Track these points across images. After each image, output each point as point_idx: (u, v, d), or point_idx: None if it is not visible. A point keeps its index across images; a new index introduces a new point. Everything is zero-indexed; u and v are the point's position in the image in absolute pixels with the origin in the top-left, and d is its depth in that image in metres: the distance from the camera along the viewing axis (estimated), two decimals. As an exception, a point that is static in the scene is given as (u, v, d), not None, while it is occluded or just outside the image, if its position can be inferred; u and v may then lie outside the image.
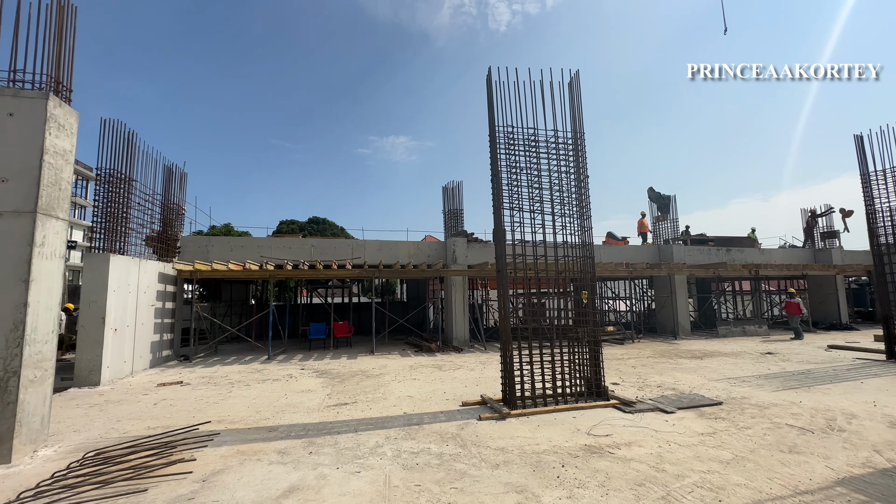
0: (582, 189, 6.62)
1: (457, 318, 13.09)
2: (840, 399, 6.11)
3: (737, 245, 18.08)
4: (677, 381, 7.49)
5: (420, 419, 5.45)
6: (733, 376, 7.88)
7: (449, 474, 3.75)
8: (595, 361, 6.27)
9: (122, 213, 9.69)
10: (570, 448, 4.34)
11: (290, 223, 40.74)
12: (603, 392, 6.19)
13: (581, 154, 6.69)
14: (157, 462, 3.95)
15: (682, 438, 4.58)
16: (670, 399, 6.19)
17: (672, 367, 8.93)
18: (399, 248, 13.56)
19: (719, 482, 3.52)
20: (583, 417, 5.41)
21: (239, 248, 12.59)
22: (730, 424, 5.04)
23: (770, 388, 6.91)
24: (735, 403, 5.97)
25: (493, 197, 6.38)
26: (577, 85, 6.85)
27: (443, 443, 4.55)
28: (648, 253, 16.25)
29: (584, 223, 6.57)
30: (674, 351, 11.50)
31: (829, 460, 3.95)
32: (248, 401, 6.53)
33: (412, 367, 9.48)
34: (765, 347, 11.81)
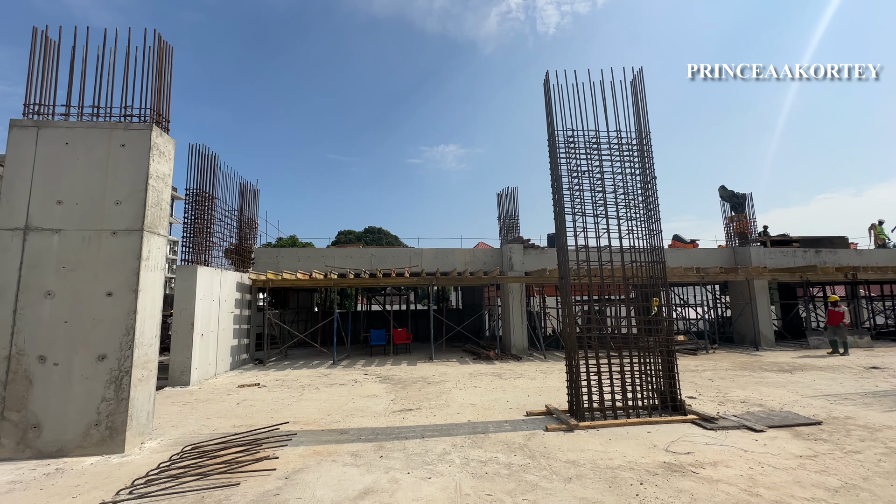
0: (649, 190, 6.30)
1: (514, 325, 12.91)
2: (974, 423, 5.24)
3: (827, 245, 16.20)
4: (764, 397, 6.83)
5: (485, 427, 5.42)
6: (832, 393, 7.04)
7: (520, 485, 3.69)
8: (669, 373, 5.90)
9: (207, 227, 10.67)
10: (647, 464, 4.10)
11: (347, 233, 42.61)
12: (679, 406, 5.79)
13: (647, 154, 6.38)
14: (246, 458, 4.27)
15: (776, 460, 4.16)
16: (758, 416, 5.65)
17: (756, 381, 8.16)
18: (455, 256, 13.68)
19: (828, 512, 3.15)
20: (658, 432, 5.09)
21: (305, 258, 13.36)
22: (833, 447, 4.50)
23: (880, 407, 6.09)
24: (838, 423, 5.32)
25: (554, 202, 6.26)
26: (640, 82, 6.57)
27: (510, 452, 4.49)
28: (722, 256, 15.05)
29: (651, 226, 6.24)
30: (756, 363, 10.51)
31: (968, 495, 3.39)
32: (318, 404, 6.87)
33: (472, 374, 9.47)
34: (869, 361, 10.43)
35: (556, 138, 6.35)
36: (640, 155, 6.43)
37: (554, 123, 6.35)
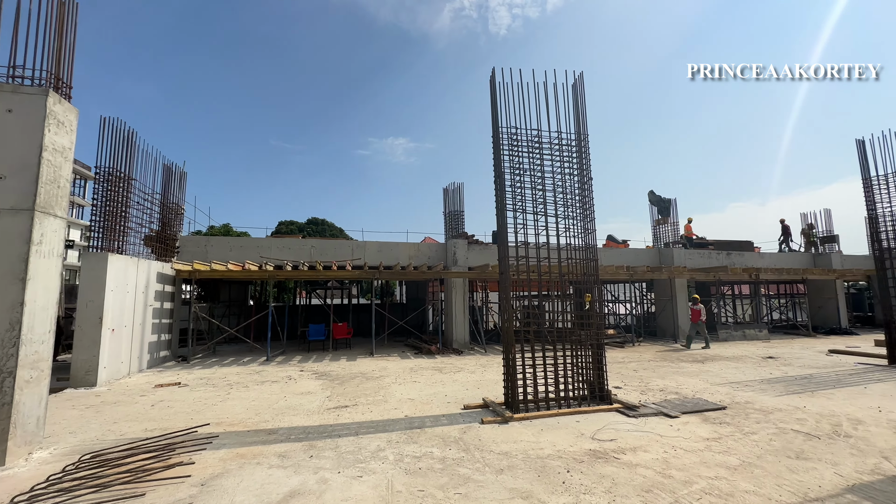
0: (585, 191, 6.57)
1: (457, 320, 13.02)
2: (844, 404, 6.07)
3: (736, 249, 18.06)
4: (680, 385, 7.44)
5: (422, 422, 5.38)
6: (736, 381, 7.84)
7: (452, 479, 3.69)
8: (598, 365, 6.22)
9: (121, 212, 9.61)
10: (574, 453, 4.28)
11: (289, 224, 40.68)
12: (606, 396, 6.13)
13: (585, 156, 6.65)
14: (156, 465, 3.88)
15: (687, 444, 4.53)
16: (674, 403, 6.14)
17: (674, 371, 8.88)
18: (399, 250, 13.50)
19: (728, 489, 3.46)
20: (586, 421, 5.35)
21: (238, 248, 12.51)
22: (735, 429, 4.99)
23: (773, 392, 6.87)
24: (739, 408, 5.92)
25: (497, 198, 6.34)
26: (580, 86, 6.82)
27: (445, 447, 4.49)
28: (649, 256, 16.22)
29: (587, 225, 6.53)
30: (675, 355, 11.46)
31: (838, 466, 3.90)
32: (247, 403, 6.45)
33: (412, 369, 9.41)
34: (766, 352, 11.78)
35: (501, 135, 6.42)
36: (579, 156, 6.69)
37: (498, 120, 6.41)
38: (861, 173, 10.20)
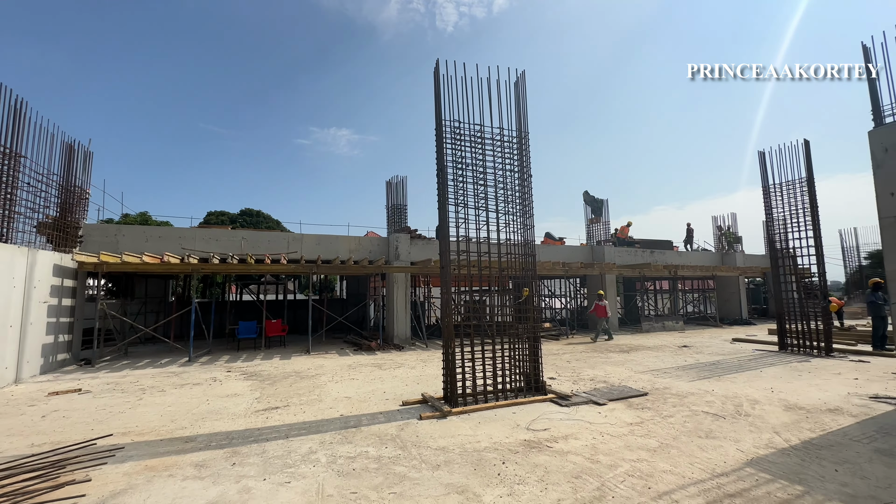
0: (525, 188, 6.72)
1: (398, 315, 12.86)
2: (745, 387, 6.78)
3: (659, 247, 19.65)
4: (608, 375, 7.90)
5: (358, 421, 5.20)
6: (656, 368, 8.48)
7: (388, 479, 3.57)
8: (534, 357, 6.40)
9: (6, 194, 8.28)
10: (510, 444, 4.35)
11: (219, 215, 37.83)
12: (541, 387, 6.33)
13: (525, 153, 6.79)
14: (41, 486, 3.35)
15: (613, 429, 4.79)
16: (602, 391, 6.49)
17: (603, 361, 9.43)
18: (339, 244, 13.03)
19: (648, 470, 3.69)
20: (522, 412, 5.48)
21: (156, 238, 11.35)
22: (655, 414, 5.37)
23: (687, 378, 7.52)
24: (659, 394, 6.39)
25: (439, 192, 6.27)
26: (523, 85, 6.94)
27: (382, 445, 4.36)
28: (582, 253, 17.12)
29: (526, 221, 6.68)
30: (605, 346, 12.19)
31: (739, 443, 4.32)
32: (161, 409, 5.84)
33: (350, 366, 9.12)
34: (682, 341, 12.92)
35: (444, 128, 6.35)
36: (520, 153, 6.81)
37: (442, 113, 6.34)
38: (762, 182, 11.46)
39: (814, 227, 10.70)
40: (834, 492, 3.26)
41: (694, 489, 3.33)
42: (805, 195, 10.71)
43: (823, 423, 4.94)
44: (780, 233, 11.30)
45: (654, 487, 3.37)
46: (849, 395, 6.15)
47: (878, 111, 6.13)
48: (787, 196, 11.04)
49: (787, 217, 11.07)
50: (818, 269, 10.92)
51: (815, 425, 4.85)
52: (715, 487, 3.35)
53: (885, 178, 5.91)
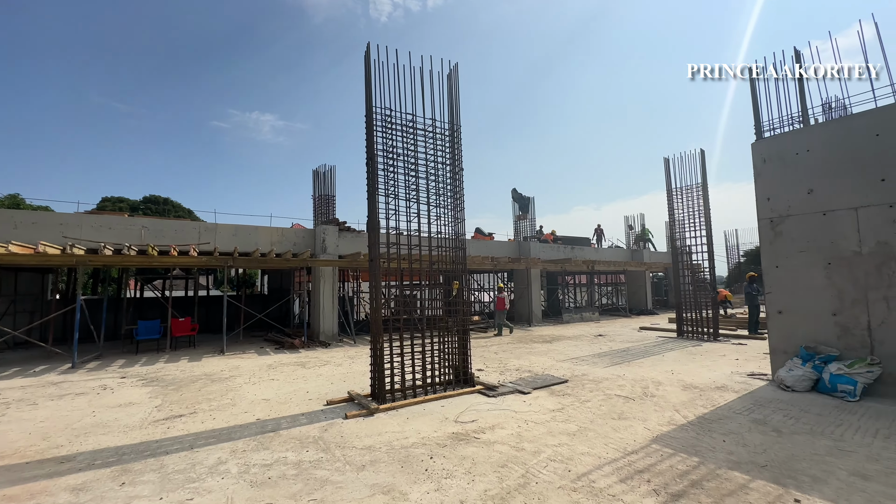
0: (457, 181, 6.71)
1: (325, 311, 12.29)
2: (650, 370, 7.47)
3: (578, 244, 21.06)
4: (532, 364, 8.24)
5: (277, 425, 4.82)
6: (575, 356, 9.04)
7: (308, 485, 3.33)
8: (464, 350, 6.45)
9: None
10: (438, 438, 4.31)
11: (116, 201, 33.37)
12: (470, 379, 6.40)
13: (457, 146, 6.77)
14: None
15: (537, 416, 4.97)
16: (527, 381, 6.74)
17: (528, 352, 9.84)
18: (259, 235, 12.09)
19: (568, 453, 3.86)
20: (451, 405, 5.48)
21: (29, 225, 9.63)
22: (574, 399, 5.68)
23: (602, 364, 8.10)
24: (578, 380, 6.79)
25: (368, 181, 6.02)
26: (455, 77, 6.90)
27: (302, 449, 4.07)
28: (510, 248, 17.75)
29: (457, 215, 6.68)
30: (529, 337, 12.76)
31: (647, 422, 4.71)
32: (31, 425, 4.94)
33: (271, 366, 8.51)
34: (597, 330, 13.96)
35: (374, 115, 6.10)
36: (451, 146, 6.78)
37: (372, 99, 6.08)
38: (666, 186, 12.71)
39: (706, 228, 12.13)
40: (723, 460, 3.66)
41: (609, 468, 3.54)
42: (700, 199, 12.09)
43: (713, 399, 5.57)
44: (679, 232, 12.65)
45: (574, 470, 3.52)
46: (732, 374, 7.04)
47: (759, 126, 7.04)
48: (686, 199, 12.37)
49: (686, 218, 12.43)
50: (709, 264, 12.41)
51: (707, 402, 5.45)
52: (627, 465, 3.60)
53: (763, 185, 6.81)
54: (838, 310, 5.91)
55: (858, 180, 5.80)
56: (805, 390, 5.76)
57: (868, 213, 5.70)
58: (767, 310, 6.73)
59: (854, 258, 5.80)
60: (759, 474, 3.38)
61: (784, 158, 6.54)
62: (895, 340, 5.43)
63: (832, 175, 6.05)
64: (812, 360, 5.89)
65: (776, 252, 6.59)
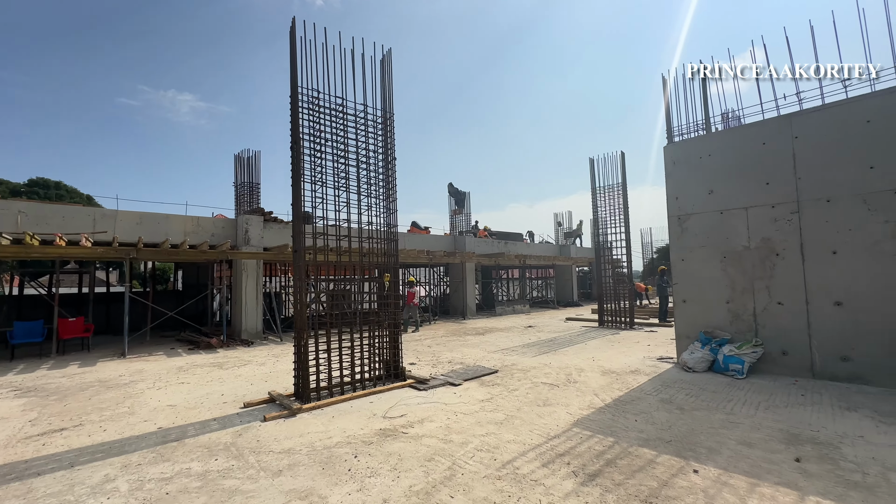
0: (390, 170, 6.51)
1: (247, 307, 11.43)
2: (574, 358, 7.87)
3: (511, 239, 21.76)
4: (465, 356, 8.32)
5: (182, 433, 4.33)
6: (506, 347, 9.28)
7: (213, 497, 3.00)
8: (395, 344, 6.30)
9: None
10: (364, 436, 4.14)
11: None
12: (401, 373, 6.27)
13: (390, 134, 6.57)
14: None
15: (466, 407, 4.98)
16: (458, 372, 6.77)
17: (461, 344, 9.93)
18: (170, 224, 10.90)
19: (495, 442, 3.90)
20: (381, 401, 5.32)
21: None
22: (503, 389, 5.79)
23: (531, 354, 8.40)
24: (507, 370, 6.96)
25: (293, 167, 5.62)
26: (389, 63, 6.68)
27: (210, 458, 3.69)
28: (446, 242, 17.83)
29: (390, 206, 6.49)
30: (463, 329, 12.91)
31: (569, 407, 4.92)
32: None
33: (182, 368, 7.72)
34: (527, 322, 14.52)
35: (300, 95, 5.70)
36: (384, 133, 6.56)
37: (298, 79, 5.67)
38: (591, 185, 13.50)
39: (625, 225, 13.09)
40: (634, 438, 3.91)
41: (532, 454, 3.62)
42: (620, 198, 13.01)
43: (628, 382, 5.99)
44: (602, 229, 13.52)
45: (500, 458, 3.55)
46: (644, 359, 7.64)
47: (670, 131, 7.67)
48: (608, 198, 13.25)
49: (608, 216, 13.31)
50: (627, 259, 13.41)
51: (623, 385, 5.85)
52: (549, 450, 3.70)
53: (672, 185, 7.43)
54: (730, 298, 6.64)
55: (748, 183, 6.54)
56: (704, 370, 6.40)
57: (755, 213, 6.45)
58: (674, 299, 7.39)
59: (744, 252, 6.53)
60: (664, 449, 3.65)
61: (690, 161, 7.19)
62: (774, 324, 6.22)
63: (728, 178, 6.76)
64: (710, 343, 6.57)
65: (682, 247, 7.24)
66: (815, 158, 5.97)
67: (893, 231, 5.34)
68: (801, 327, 5.98)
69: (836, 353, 5.69)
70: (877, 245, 5.44)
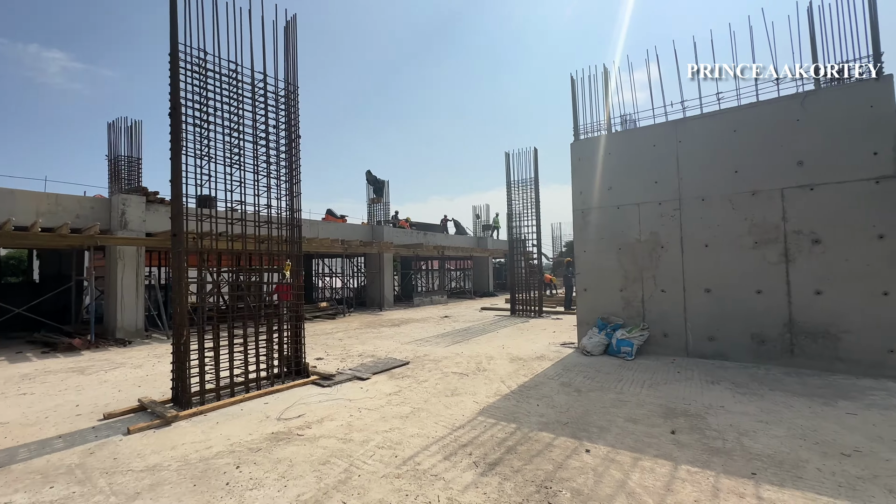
0: (293, 149, 5.94)
1: (125, 302, 9.88)
2: (486, 347, 8.02)
3: (431, 230, 21.79)
4: (377, 348, 8.04)
5: (9, 457, 3.49)
6: (420, 338, 9.18)
7: (36, 537, 2.40)
8: (297, 338, 5.81)
9: None
10: (251, 442, 3.70)
11: None
12: (304, 369, 5.82)
13: (294, 109, 5.98)
14: None
15: (372, 403, 4.74)
16: (368, 366, 6.48)
17: (374, 336, 9.62)
18: (17, 201, 8.94)
19: (398, 438, 3.72)
20: (276, 401, 4.85)
21: None
22: (413, 381, 5.65)
23: (444, 344, 8.39)
24: (419, 361, 6.84)
25: (172, 136, 4.83)
26: (293, 31, 6.06)
27: (44, 486, 2.99)
28: (363, 232, 17.24)
29: (293, 187, 5.93)
30: (378, 321, 12.58)
31: (476, 395, 4.93)
32: None
33: (27, 376, 6.37)
34: (444, 312, 14.63)
35: (183, 55, 4.90)
36: (288, 108, 5.96)
37: (178, 34, 4.86)
38: (506, 180, 13.91)
39: (537, 219, 13.74)
40: (535, 423, 4.00)
41: (435, 447, 3.51)
42: (533, 192, 13.60)
43: (533, 368, 6.22)
44: (516, 223, 14.04)
45: (401, 454, 3.38)
46: (549, 345, 8.05)
47: (577, 129, 8.09)
48: (522, 193, 13.77)
49: (522, 210, 13.85)
50: (538, 252, 14.11)
51: (528, 371, 6.05)
52: (453, 441, 3.62)
53: (577, 180, 7.86)
54: (624, 286, 7.23)
55: (641, 181, 7.13)
56: (600, 354, 6.90)
57: (646, 209, 7.06)
58: (577, 288, 7.86)
59: (635, 244, 7.14)
60: (562, 431, 3.78)
61: (592, 159, 7.65)
62: (658, 310, 6.90)
63: (625, 175, 7.31)
64: (606, 328, 7.09)
65: (584, 239, 7.71)
66: (693, 161, 6.68)
67: (750, 228, 6.19)
68: (679, 312, 6.70)
69: (705, 335, 6.48)
70: (738, 240, 6.26)
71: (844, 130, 5.57)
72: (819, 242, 5.68)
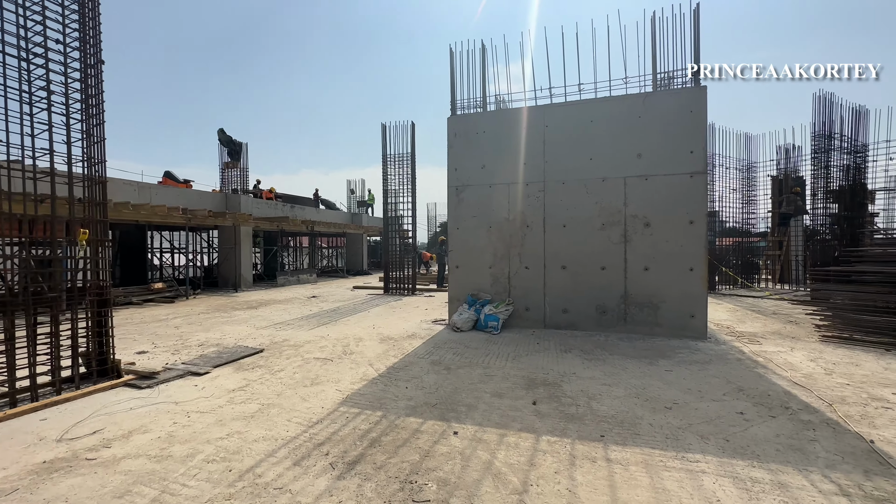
0: (90, 78, 4.42)
1: None
2: (355, 328, 7.52)
3: (300, 203, 19.93)
4: (224, 336, 6.87)
5: None
6: (281, 321, 8.20)
7: None
8: (101, 330, 4.48)
9: None
10: (8, 478, 2.61)
11: None
12: (113, 368, 4.53)
13: (92, 24, 4.43)
14: None
15: (207, 403, 3.88)
16: (209, 357, 5.42)
17: (224, 321, 8.27)
18: None
19: (236, 446, 3.04)
20: (64, 415, 3.63)
21: None
22: (265, 371, 4.87)
23: (308, 326, 7.61)
24: (276, 347, 6.01)
25: None
26: (90, -86, 4.43)
27: None
28: (214, 201, 14.79)
29: (92, 131, 4.45)
30: (231, 304, 10.96)
31: (339, 383, 4.44)
32: None
33: None
34: (312, 292, 13.54)
35: None
36: (82, 21, 4.38)
37: None
38: (382, 154, 13.29)
39: (412, 195, 13.50)
40: (403, 408, 3.72)
41: (284, 451, 2.95)
42: (409, 168, 13.28)
43: (404, 348, 5.97)
44: (392, 200, 13.60)
45: (238, 467, 2.74)
46: (421, 323, 7.94)
47: (454, 104, 7.93)
48: (398, 168, 13.35)
49: (399, 186, 13.45)
50: (412, 230, 13.95)
51: (399, 351, 5.77)
52: (307, 441, 3.11)
53: (453, 156, 7.74)
54: (493, 263, 7.45)
55: (512, 161, 7.34)
56: (469, 329, 7.02)
57: (515, 189, 7.32)
58: (449, 266, 7.85)
59: (504, 223, 7.37)
60: (430, 414, 3.57)
61: (468, 135, 7.61)
62: (522, 285, 7.29)
63: (497, 155, 7.43)
64: (475, 304, 7.23)
65: (458, 216, 7.69)
66: (558, 147, 7.10)
67: (600, 211, 6.87)
68: (539, 287, 7.18)
69: (559, 307, 7.07)
70: (590, 221, 6.91)
71: (673, 130, 6.48)
72: (649, 226, 6.58)
